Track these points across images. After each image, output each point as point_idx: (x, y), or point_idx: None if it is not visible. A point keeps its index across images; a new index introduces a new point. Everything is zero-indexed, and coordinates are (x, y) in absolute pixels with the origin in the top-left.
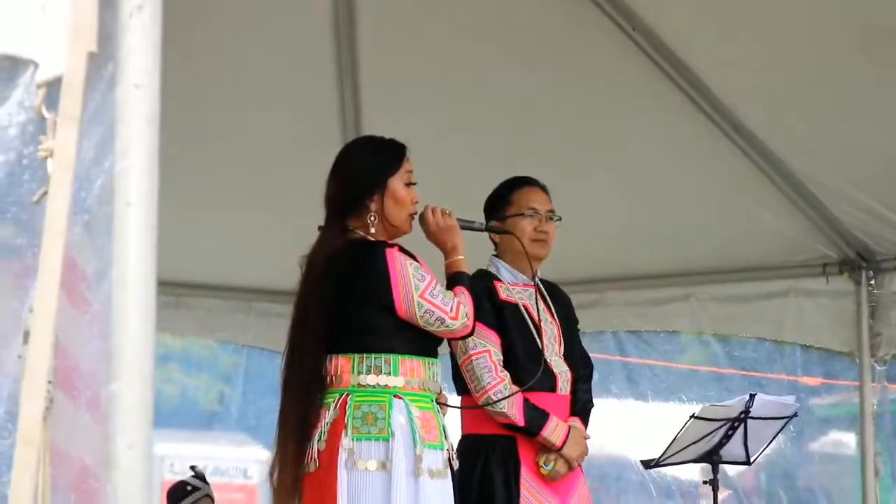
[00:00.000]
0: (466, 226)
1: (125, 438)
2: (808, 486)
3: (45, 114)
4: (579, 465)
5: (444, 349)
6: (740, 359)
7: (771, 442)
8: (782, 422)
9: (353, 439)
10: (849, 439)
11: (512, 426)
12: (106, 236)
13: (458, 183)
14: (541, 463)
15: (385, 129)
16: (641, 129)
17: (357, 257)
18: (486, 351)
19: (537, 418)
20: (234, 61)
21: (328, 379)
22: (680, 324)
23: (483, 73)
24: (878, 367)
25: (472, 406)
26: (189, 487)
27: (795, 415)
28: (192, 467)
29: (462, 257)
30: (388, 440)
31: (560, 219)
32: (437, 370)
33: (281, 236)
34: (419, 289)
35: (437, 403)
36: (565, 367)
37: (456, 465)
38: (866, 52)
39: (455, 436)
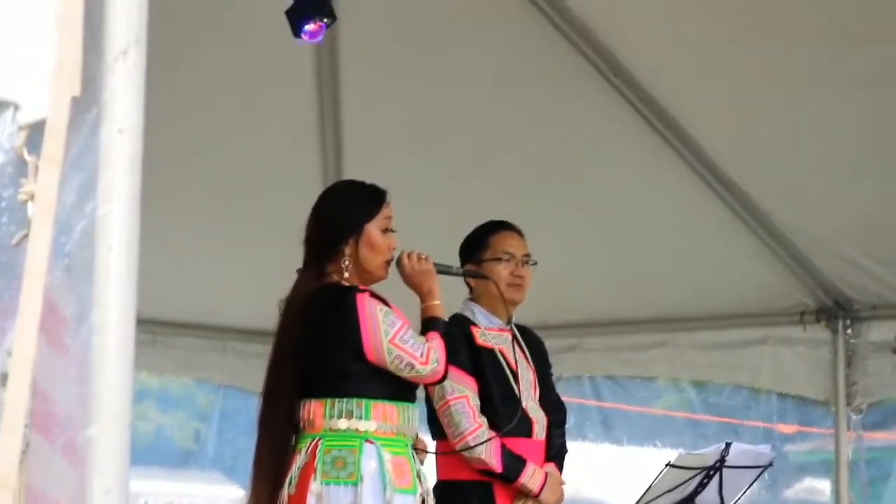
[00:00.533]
0: (443, 270)
1: (102, 484)
2: None
3: (27, 156)
4: None
5: (420, 393)
6: (716, 405)
7: (746, 491)
8: (758, 470)
9: (321, 483)
10: (823, 486)
11: (489, 472)
12: (86, 280)
13: (436, 223)
14: None
15: (365, 170)
16: (621, 174)
17: (329, 302)
18: (464, 396)
19: (514, 464)
20: (213, 100)
21: (302, 423)
22: (657, 370)
23: (464, 113)
24: (854, 416)
25: (450, 452)
26: None
27: (771, 464)
28: None
29: (437, 302)
30: (356, 485)
31: (535, 263)
32: (413, 415)
33: (259, 276)
34: (388, 334)
35: (415, 449)
36: (541, 413)
37: None
38: (846, 100)
39: (431, 481)
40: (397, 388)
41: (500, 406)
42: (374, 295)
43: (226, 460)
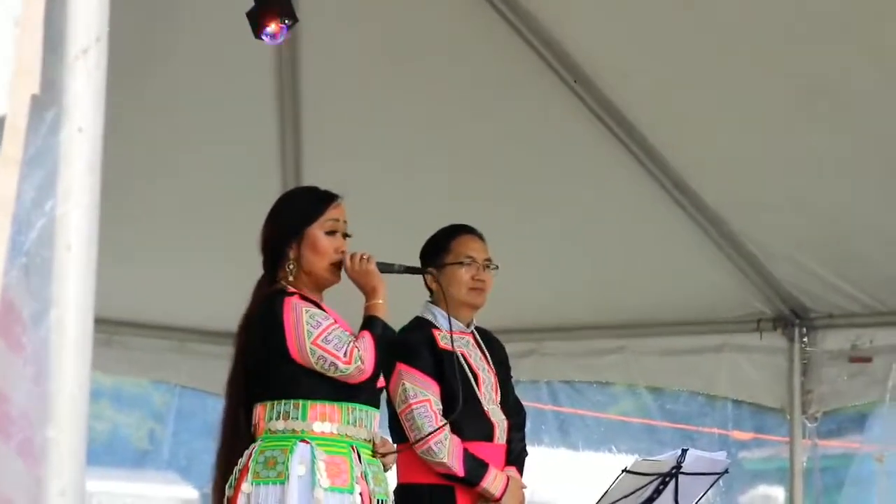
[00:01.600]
0: (385, 269)
1: (58, 484)
2: None
3: None
4: None
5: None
6: (672, 411)
7: (701, 497)
8: (713, 478)
9: (252, 483)
10: (778, 493)
11: (451, 476)
12: (44, 280)
13: (397, 228)
14: None
15: (326, 171)
16: (581, 180)
17: (262, 308)
18: (427, 400)
19: (477, 469)
20: (174, 103)
21: (253, 428)
22: (613, 375)
23: (426, 120)
24: (809, 424)
25: (404, 450)
26: None
27: (727, 471)
28: None
29: (380, 301)
30: (284, 484)
31: (497, 267)
32: (363, 416)
33: (216, 277)
34: (312, 335)
35: (376, 454)
36: (502, 416)
37: None
38: (804, 110)
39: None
40: (340, 388)
41: (462, 410)
42: (304, 298)
43: (181, 461)
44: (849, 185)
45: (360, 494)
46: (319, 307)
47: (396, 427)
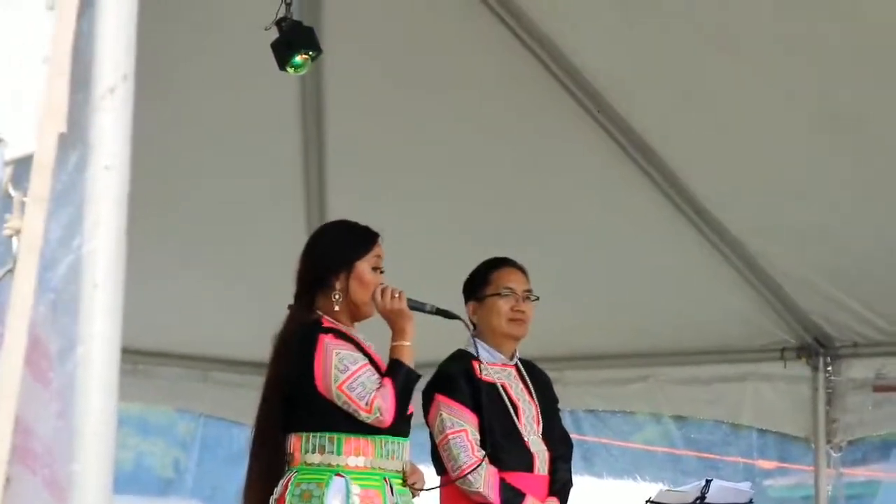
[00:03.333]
0: (416, 307)
1: None
2: None
3: (12, 192)
4: None
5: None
6: (696, 441)
7: None
8: None
9: None
10: None
11: None
12: (71, 316)
13: (418, 253)
14: None
15: (349, 200)
16: (603, 208)
17: (297, 338)
18: (463, 430)
19: (513, 498)
20: (198, 129)
21: (287, 457)
22: (637, 405)
23: (446, 145)
24: (834, 454)
25: (443, 484)
26: None
27: (751, 501)
28: None
29: (407, 344)
30: None
31: (538, 298)
32: (395, 448)
33: (240, 306)
34: (338, 380)
35: (409, 486)
36: (543, 447)
37: None
38: (826, 135)
39: None
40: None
41: (500, 440)
42: (339, 335)
43: (205, 490)
44: (872, 213)
45: None
46: (352, 340)
47: (438, 458)
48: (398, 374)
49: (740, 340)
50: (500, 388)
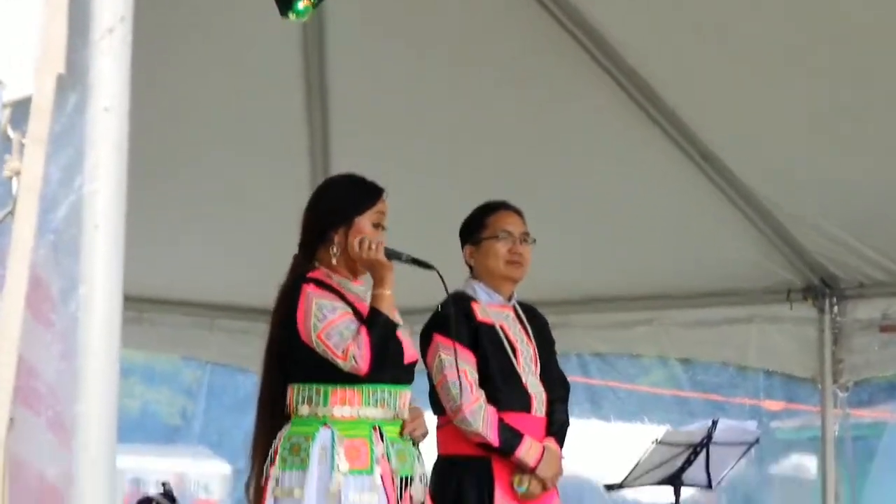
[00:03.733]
0: (393, 256)
1: (88, 456)
2: None
3: (11, 134)
4: (554, 486)
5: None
6: (703, 383)
7: (733, 467)
8: (744, 447)
9: (279, 469)
10: (810, 463)
11: (486, 446)
12: (72, 257)
13: (425, 206)
14: (515, 484)
15: (353, 151)
16: (609, 154)
17: (286, 291)
18: (462, 371)
19: (511, 438)
20: (201, 82)
21: (287, 408)
22: (644, 348)
23: (453, 96)
24: (840, 394)
25: (444, 425)
26: None
27: (757, 441)
28: (164, 484)
29: (386, 292)
30: (306, 469)
31: (535, 241)
32: (385, 397)
33: (245, 254)
34: (317, 329)
35: (408, 434)
36: (540, 389)
37: (420, 492)
38: (835, 82)
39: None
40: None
41: (498, 381)
42: (321, 286)
43: (212, 436)
44: (879, 154)
45: (381, 475)
46: (336, 291)
47: (436, 399)
48: (374, 322)
49: (746, 282)
50: (499, 330)
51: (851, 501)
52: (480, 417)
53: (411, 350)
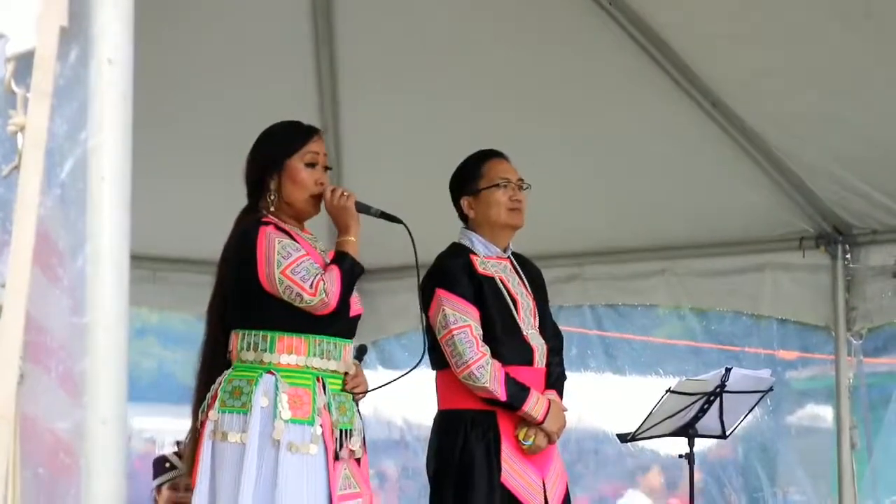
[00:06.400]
0: (363, 209)
1: (99, 413)
2: (784, 459)
3: (15, 88)
4: (557, 439)
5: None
6: (717, 332)
7: (746, 415)
8: (758, 396)
9: (218, 411)
10: (825, 412)
11: (493, 401)
12: (79, 211)
13: (434, 153)
14: (521, 437)
15: (362, 105)
16: (620, 104)
17: (238, 237)
18: (467, 326)
19: (519, 392)
20: (210, 35)
21: (228, 355)
22: (657, 298)
23: (464, 50)
24: (854, 341)
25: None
26: (168, 464)
27: (771, 389)
28: (178, 443)
29: (352, 238)
30: (248, 413)
31: (529, 186)
32: (330, 348)
33: None
34: (281, 265)
35: (349, 390)
36: (541, 341)
37: (357, 446)
38: (847, 28)
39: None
40: (307, 321)
41: (500, 335)
42: (279, 228)
43: None
44: (891, 98)
45: (322, 425)
46: (293, 238)
47: (436, 353)
48: (344, 261)
49: (758, 231)
50: (499, 282)
51: (867, 449)
52: (487, 372)
53: (357, 305)
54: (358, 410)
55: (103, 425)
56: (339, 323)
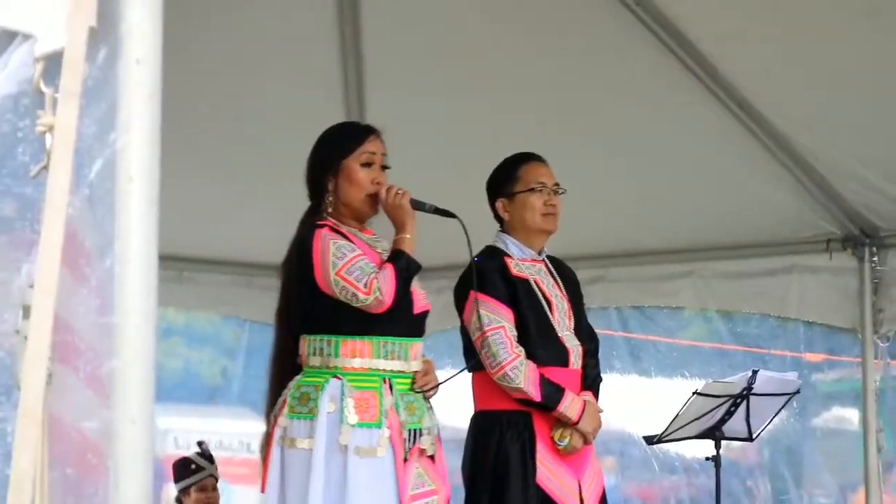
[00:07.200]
0: (418, 206)
1: (127, 413)
2: (811, 461)
3: (44, 88)
4: (594, 439)
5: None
6: (743, 335)
7: (773, 418)
8: (784, 398)
9: (288, 417)
10: (851, 415)
11: (528, 402)
12: (107, 211)
13: (460, 157)
14: (556, 438)
15: (389, 105)
16: (646, 105)
17: (297, 241)
18: (501, 327)
19: (553, 393)
20: (238, 36)
21: (299, 359)
22: (683, 300)
23: (486, 48)
24: (881, 344)
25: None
26: (193, 466)
27: (798, 391)
28: (200, 443)
29: (408, 236)
30: (314, 419)
31: (565, 191)
32: (394, 348)
33: (283, 211)
34: (336, 266)
35: (415, 390)
36: (576, 342)
37: (429, 444)
38: (873, 27)
39: (458, 411)
40: (370, 322)
41: (535, 336)
42: (334, 229)
43: (252, 395)
44: None
45: (390, 427)
46: (349, 239)
47: (470, 354)
48: (399, 259)
49: (785, 233)
50: (533, 284)
51: (894, 451)
52: (521, 373)
53: (422, 301)
54: (430, 409)
55: (132, 425)
56: (404, 322)
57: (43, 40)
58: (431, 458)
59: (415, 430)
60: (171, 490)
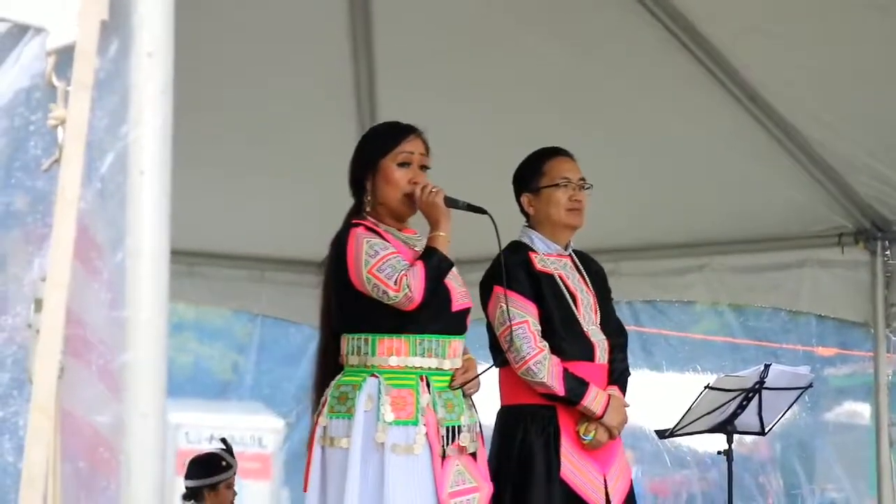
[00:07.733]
0: (451, 204)
1: (139, 408)
2: (822, 456)
3: (55, 82)
4: (619, 434)
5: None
6: (755, 329)
7: (785, 412)
8: (797, 392)
9: (328, 417)
10: (863, 409)
11: (552, 396)
12: (119, 205)
13: (472, 152)
14: (581, 432)
15: (399, 100)
16: (658, 98)
17: (333, 243)
18: (524, 321)
19: (577, 387)
20: (250, 31)
21: (340, 358)
22: (695, 294)
23: (498, 41)
24: (893, 338)
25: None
26: (224, 463)
27: (810, 385)
28: (223, 440)
29: (441, 234)
30: (352, 418)
31: (591, 186)
32: (431, 346)
33: (293, 206)
34: (369, 264)
35: (454, 387)
36: (602, 337)
37: (469, 441)
38: (886, 23)
39: (487, 407)
40: (406, 320)
41: (560, 330)
42: (369, 228)
43: (264, 389)
44: None
45: (426, 425)
46: (384, 238)
47: (497, 349)
48: (430, 257)
49: (797, 227)
50: (558, 279)
51: None
52: (545, 368)
53: (462, 298)
54: (471, 406)
55: (143, 419)
56: (441, 319)
57: (55, 34)
58: (473, 455)
59: (453, 428)
60: (179, 485)
